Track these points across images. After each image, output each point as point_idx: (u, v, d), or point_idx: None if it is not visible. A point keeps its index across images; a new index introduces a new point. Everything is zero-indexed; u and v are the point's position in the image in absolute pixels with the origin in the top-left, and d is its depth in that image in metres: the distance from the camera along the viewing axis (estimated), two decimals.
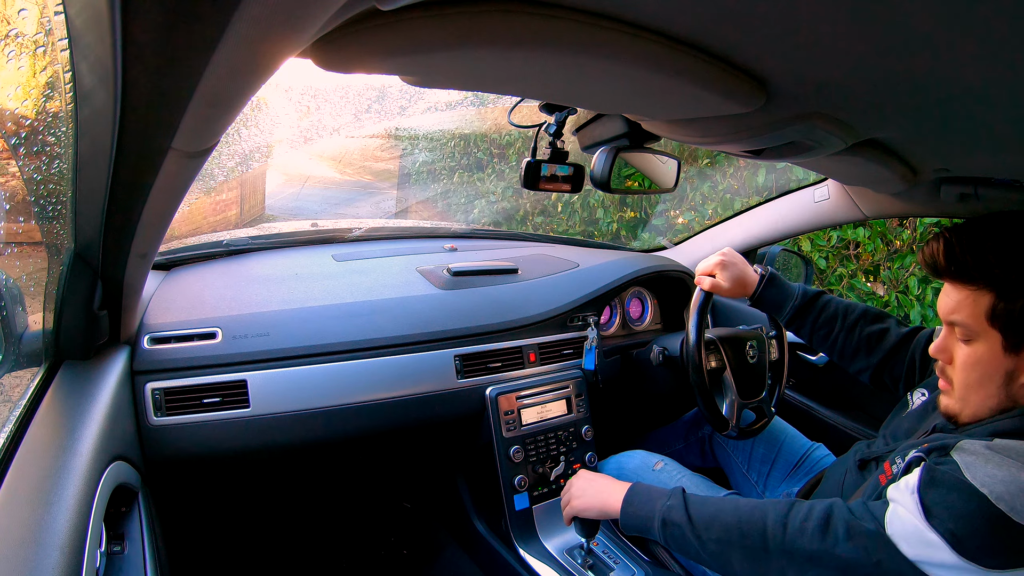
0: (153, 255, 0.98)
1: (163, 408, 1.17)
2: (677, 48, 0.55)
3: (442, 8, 0.47)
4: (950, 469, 0.80)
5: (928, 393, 1.10)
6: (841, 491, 1.12)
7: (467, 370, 1.46)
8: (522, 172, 1.12)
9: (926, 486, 0.81)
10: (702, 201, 3.37)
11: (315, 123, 4.86)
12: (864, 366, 1.29)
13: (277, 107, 4.22)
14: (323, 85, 4.64)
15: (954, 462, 0.80)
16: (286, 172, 6.53)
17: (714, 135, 0.86)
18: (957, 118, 0.72)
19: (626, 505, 1.08)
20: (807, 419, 1.72)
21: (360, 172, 7.14)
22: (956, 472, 0.79)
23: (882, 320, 1.30)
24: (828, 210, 1.65)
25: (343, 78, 2.75)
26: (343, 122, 5.17)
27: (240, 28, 0.39)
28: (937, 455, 0.84)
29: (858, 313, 1.32)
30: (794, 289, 1.37)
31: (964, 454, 0.81)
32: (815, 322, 1.34)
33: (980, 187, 1.13)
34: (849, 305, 1.34)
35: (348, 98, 4.97)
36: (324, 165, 7.17)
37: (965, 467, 0.79)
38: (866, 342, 1.28)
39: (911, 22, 0.45)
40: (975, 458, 0.79)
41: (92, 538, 0.73)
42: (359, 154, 7.05)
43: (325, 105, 4.83)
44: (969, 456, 0.80)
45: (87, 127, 0.59)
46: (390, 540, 1.94)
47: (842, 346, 1.31)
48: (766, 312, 1.46)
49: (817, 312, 1.34)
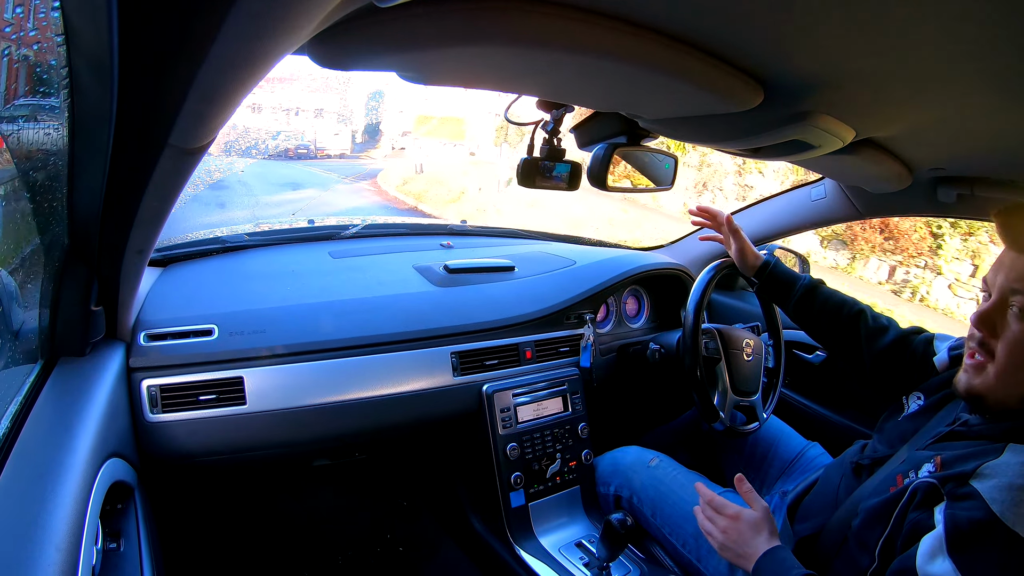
0: (149, 251, 0.97)
1: (159, 405, 1.16)
2: (675, 46, 0.55)
3: (439, 5, 0.47)
4: (974, 507, 0.74)
5: (924, 398, 1.09)
6: (836, 494, 1.12)
7: (463, 367, 1.46)
8: (519, 169, 1.12)
9: (958, 544, 0.73)
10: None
11: None
12: (864, 358, 1.28)
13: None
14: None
15: (977, 495, 0.74)
16: None
17: (711, 133, 0.86)
18: (953, 118, 0.72)
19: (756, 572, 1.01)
20: (802, 418, 1.72)
21: None
22: (983, 510, 0.73)
23: (883, 317, 1.30)
24: (825, 209, 1.65)
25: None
26: None
27: (237, 24, 0.39)
28: (954, 485, 0.78)
29: (861, 305, 1.32)
30: (799, 274, 1.39)
31: (988, 483, 0.75)
32: (821, 308, 1.34)
33: (976, 186, 1.14)
34: (852, 298, 1.34)
35: None
36: None
37: (992, 500, 0.73)
38: (868, 333, 1.28)
39: (907, 23, 0.45)
40: (1001, 490, 0.74)
41: (88, 535, 0.73)
42: None
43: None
44: (991, 483, 0.75)
45: (83, 123, 0.58)
46: (386, 537, 1.94)
47: (844, 335, 1.31)
48: (771, 296, 1.47)
49: (823, 298, 1.34)
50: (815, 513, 1.15)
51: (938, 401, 1.06)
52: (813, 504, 1.19)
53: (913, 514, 0.82)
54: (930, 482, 0.82)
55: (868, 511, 0.93)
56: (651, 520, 1.39)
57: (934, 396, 1.08)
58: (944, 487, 0.79)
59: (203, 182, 2.40)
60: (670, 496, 1.37)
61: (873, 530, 0.89)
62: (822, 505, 1.14)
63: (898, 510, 0.85)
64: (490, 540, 1.50)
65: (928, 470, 0.86)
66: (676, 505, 1.35)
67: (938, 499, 0.79)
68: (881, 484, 0.96)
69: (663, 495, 1.38)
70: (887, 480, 0.95)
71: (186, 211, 4.98)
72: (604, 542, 1.19)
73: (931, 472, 0.85)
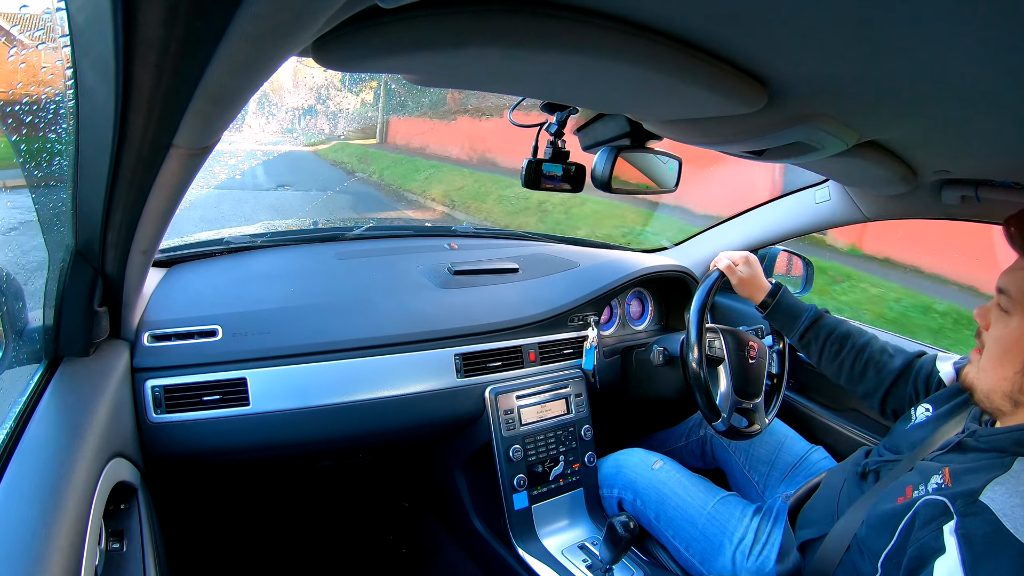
0: (154, 252, 0.97)
1: (163, 405, 1.17)
2: (679, 48, 0.55)
3: (444, 7, 0.47)
4: (986, 523, 0.73)
5: (933, 409, 1.09)
6: (838, 499, 1.12)
7: (467, 369, 1.46)
8: (523, 172, 1.12)
9: (973, 565, 0.71)
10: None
11: None
12: (873, 387, 1.29)
13: None
14: None
15: (988, 510, 0.74)
16: None
17: (715, 136, 0.86)
18: (958, 120, 0.72)
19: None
20: (805, 422, 1.71)
21: None
22: (994, 524, 0.72)
23: (890, 345, 1.31)
24: (829, 211, 1.65)
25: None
26: None
27: (243, 25, 0.39)
28: (964, 502, 0.78)
29: (868, 336, 1.33)
30: (808, 305, 1.40)
31: (998, 499, 0.75)
32: (828, 338, 1.34)
33: (981, 189, 1.13)
34: (859, 327, 1.35)
35: None
36: None
37: (1004, 516, 0.73)
38: (874, 364, 1.29)
39: (913, 24, 0.45)
40: (1013, 505, 0.74)
41: (92, 535, 0.73)
42: None
43: None
44: (1003, 499, 0.75)
45: (88, 124, 0.59)
46: (389, 539, 1.94)
47: (851, 366, 1.32)
48: (777, 324, 1.47)
49: (830, 329, 1.35)
50: (816, 517, 1.15)
51: (947, 411, 1.06)
52: (814, 509, 1.19)
53: (921, 532, 0.81)
54: (939, 500, 0.81)
55: (875, 519, 0.92)
56: (654, 523, 1.39)
57: (943, 407, 1.08)
58: (954, 504, 0.79)
59: (208, 183, 2.41)
60: (673, 499, 1.37)
61: (878, 539, 0.89)
62: (824, 510, 1.14)
63: (904, 524, 0.85)
64: (493, 542, 1.50)
65: (937, 483, 0.86)
66: (679, 508, 1.35)
67: (948, 517, 0.78)
68: (889, 492, 0.95)
69: (666, 498, 1.38)
70: (895, 489, 0.94)
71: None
72: (607, 545, 1.19)
73: (940, 486, 0.85)
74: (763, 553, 1.21)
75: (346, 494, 2.00)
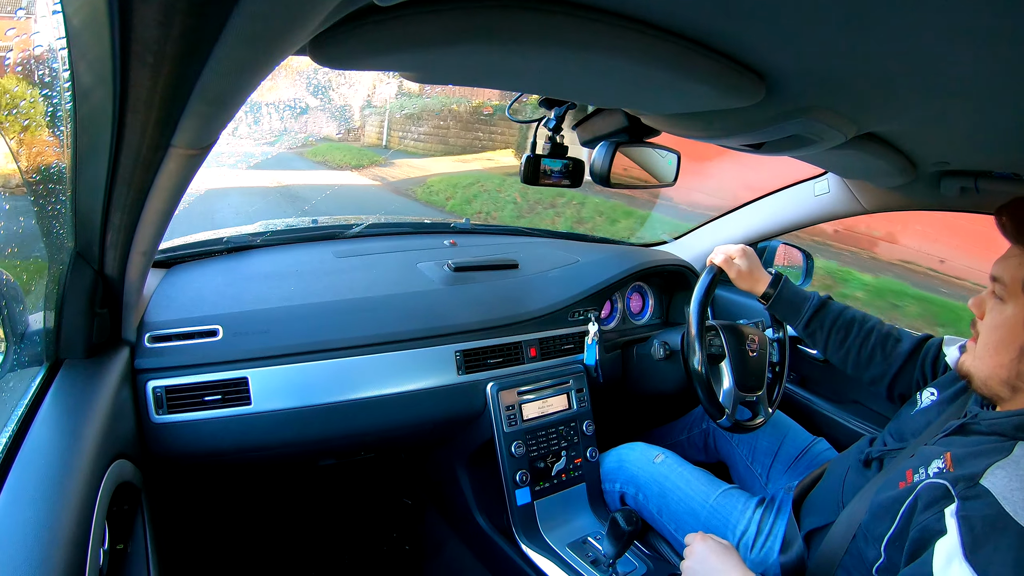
0: (153, 253, 0.97)
1: (164, 406, 1.17)
2: (676, 42, 0.55)
3: (440, 4, 0.47)
4: (986, 506, 0.73)
5: (938, 393, 1.09)
6: (843, 488, 1.12)
7: (468, 365, 1.46)
8: (522, 167, 1.12)
9: (974, 547, 0.72)
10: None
11: None
12: (880, 372, 1.28)
13: None
14: None
15: (989, 494, 0.74)
16: None
17: (714, 129, 0.86)
18: (957, 112, 0.71)
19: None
20: (807, 413, 1.72)
21: None
22: (994, 507, 0.73)
23: (894, 330, 1.31)
24: (828, 204, 1.65)
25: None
26: None
27: (240, 24, 0.39)
28: (965, 486, 0.78)
29: (874, 320, 1.32)
30: (810, 293, 1.38)
31: (999, 482, 0.75)
32: (832, 325, 1.33)
33: (980, 180, 1.13)
34: (863, 312, 1.34)
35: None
36: None
37: (1004, 499, 0.73)
38: (881, 348, 1.28)
39: (910, 16, 0.45)
40: (1012, 489, 0.74)
41: (95, 536, 0.73)
42: None
43: None
44: (1003, 483, 0.75)
45: (86, 125, 0.58)
46: (392, 536, 1.94)
47: (857, 352, 1.31)
48: (780, 314, 1.46)
49: (835, 315, 1.34)
50: (821, 506, 1.15)
51: (951, 395, 1.07)
52: (818, 498, 1.19)
53: (923, 516, 0.81)
54: (940, 483, 0.82)
55: (877, 505, 0.93)
56: (657, 517, 1.40)
57: (948, 391, 1.08)
58: (955, 487, 0.79)
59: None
60: (675, 492, 1.37)
61: (881, 524, 0.89)
62: (828, 499, 1.15)
63: (906, 507, 0.85)
64: (496, 538, 1.50)
65: (938, 467, 0.86)
66: (682, 501, 1.36)
67: (949, 500, 0.79)
68: (891, 478, 0.96)
69: (668, 491, 1.38)
70: (897, 475, 0.95)
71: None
72: (610, 539, 1.19)
73: (941, 470, 0.85)
74: (766, 544, 1.21)
75: (348, 492, 2.00)
